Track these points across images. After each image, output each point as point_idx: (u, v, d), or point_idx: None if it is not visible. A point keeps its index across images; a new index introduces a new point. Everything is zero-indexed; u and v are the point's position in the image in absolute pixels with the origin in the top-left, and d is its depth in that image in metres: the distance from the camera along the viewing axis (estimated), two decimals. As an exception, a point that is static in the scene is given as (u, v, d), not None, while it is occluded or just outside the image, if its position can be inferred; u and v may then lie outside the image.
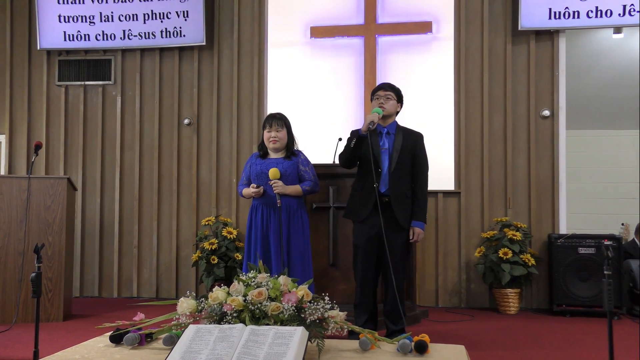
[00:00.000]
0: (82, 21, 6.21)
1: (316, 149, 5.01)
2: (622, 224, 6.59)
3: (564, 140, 5.62)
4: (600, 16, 5.43)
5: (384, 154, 3.68)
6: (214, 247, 5.48)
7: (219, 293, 2.38)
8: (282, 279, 2.41)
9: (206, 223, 5.79)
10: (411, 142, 3.73)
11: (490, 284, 5.38)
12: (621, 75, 7.19)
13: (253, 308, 2.28)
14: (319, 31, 5.96)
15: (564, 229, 5.54)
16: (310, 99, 6.00)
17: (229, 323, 2.26)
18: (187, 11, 6.04)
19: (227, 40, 6.16)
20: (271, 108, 5.89)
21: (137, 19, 6.14)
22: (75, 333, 4.21)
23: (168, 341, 2.29)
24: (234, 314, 2.29)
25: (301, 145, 4.03)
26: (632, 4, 5.36)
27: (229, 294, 2.38)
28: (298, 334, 2.10)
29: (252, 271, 2.50)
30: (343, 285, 4.34)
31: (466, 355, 2.30)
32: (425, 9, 5.86)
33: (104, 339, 2.44)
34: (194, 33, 6.05)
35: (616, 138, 8.06)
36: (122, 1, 6.15)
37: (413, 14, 5.86)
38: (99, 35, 6.20)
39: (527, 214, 5.61)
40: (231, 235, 5.61)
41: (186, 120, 6.16)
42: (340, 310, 2.38)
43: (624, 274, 5.13)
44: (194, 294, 2.50)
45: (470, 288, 5.64)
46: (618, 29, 6.25)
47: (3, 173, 6.31)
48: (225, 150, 6.10)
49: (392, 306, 3.66)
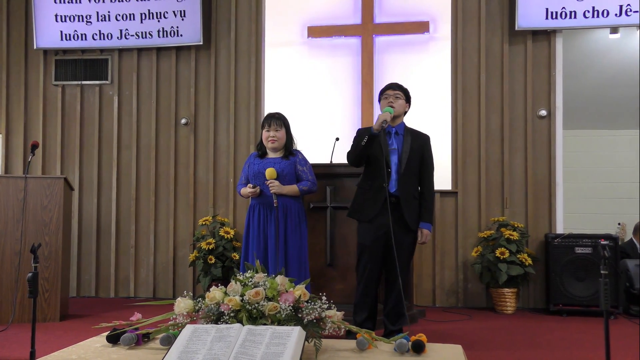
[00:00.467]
0: (79, 21, 6.20)
1: (313, 148, 5.01)
2: (619, 224, 6.62)
3: (560, 140, 5.64)
4: (597, 16, 5.44)
5: (392, 154, 3.66)
6: (211, 247, 5.48)
7: (216, 293, 2.38)
8: (280, 279, 2.41)
9: (203, 223, 5.79)
10: (420, 144, 3.72)
11: (487, 283, 5.39)
12: (618, 75, 7.21)
13: (250, 308, 2.28)
14: (316, 31, 5.95)
15: (560, 229, 5.55)
16: (308, 98, 6.00)
17: (226, 323, 2.25)
18: (184, 11, 6.04)
19: (225, 40, 6.15)
20: (268, 108, 5.89)
21: (134, 19, 6.13)
22: (72, 333, 4.20)
23: (165, 341, 2.29)
24: (231, 314, 2.29)
25: (299, 145, 4.02)
26: (629, 4, 5.37)
27: (226, 293, 2.38)
28: (295, 333, 2.10)
29: (250, 271, 2.50)
30: (340, 285, 4.33)
31: (463, 354, 2.31)
32: (423, 9, 5.86)
33: (101, 339, 2.43)
34: (191, 33, 6.05)
35: (613, 138, 8.08)
36: (119, 1, 6.14)
37: (410, 13, 5.86)
38: (96, 34, 6.19)
39: (524, 214, 5.62)
40: (228, 235, 5.61)
41: (183, 120, 6.15)
42: (337, 310, 2.38)
43: (621, 274, 5.14)
44: (191, 294, 2.49)
45: (468, 288, 5.65)
46: (615, 29, 6.28)
47: (-1, 173, 6.30)
48: (223, 150, 6.10)
49: (394, 306, 3.65)
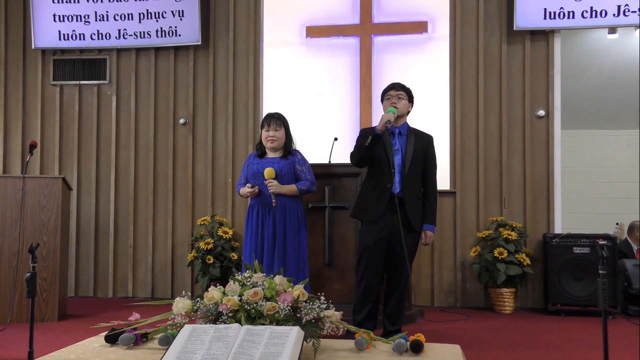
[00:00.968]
0: (77, 20, 6.19)
1: (312, 148, 5.01)
2: (617, 224, 6.62)
3: (559, 140, 5.64)
4: (595, 16, 5.44)
5: (396, 154, 3.65)
6: (209, 247, 5.47)
7: (214, 293, 2.38)
8: (278, 279, 2.41)
9: (202, 223, 5.78)
10: (423, 145, 3.72)
11: (485, 283, 5.39)
12: (616, 76, 7.22)
13: (249, 308, 2.28)
14: (314, 31, 5.95)
15: (559, 229, 5.55)
16: (306, 98, 5.99)
17: (225, 323, 2.25)
18: (183, 10, 6.03)
19: (223, 40, 6.15)
20: (267, 108, 5.89)
21: (132, 19, 6.12)
22: (70, 333, 4.19)
23: (163, 341, 2.29)
24: (230, 314, 2.28)
25: (297, 144, 4.02)
26: (627, 4, 5.38)
27: (224, 293, 2.38)
28: (294, 333, 2.10)
29: (248, 271, 2.50)
30: (339, 284, 4.33)
31: (462, 354, 2.31)
32: (421, 9, 5.86)
33: (99, 339, 2.43)
34: (189, 32, 6.04)
35: (611, 138, 8.09)
36: (117, 0, 6.14)
37: (409, 13, 5.86)
38: (94, 34, 6.19)
39: (523, 214, 5.62)
40: (227, 235, 5.60)
41: (182, 120, 6.15)
42: (336, 310, 2.38)
43: (619, 274, 5.15)
44: (190, 294, 2.50)
45: (466, 288, 5.65)
46: (613, 29, 6.29)
47: (-3, 173, 6.29)
48: (221, 150, 6.09)
49: (395, 307, 3.65)
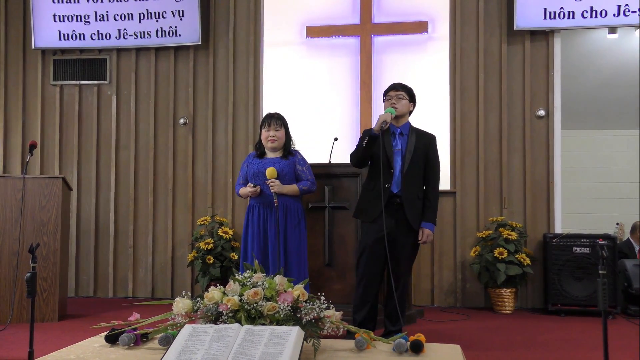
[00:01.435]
0: (77, 20, 6.19)
1: (312, 148, 5.01)
2: (617, 224, 6.62)
3: (559, 140, 5.64)
4: (595, 16, 5.44)
5: (396, 154, 3.65)
6: (209, 247, 5.47)
7: (214, 293, 2.38)
8: (278, 279, 2.41)
9: (202, 223, 5.78)
10: (424, 144, 3.71)
11: (485, 283, 5.39)
12: (616, 76, 7.22)
13: (249, 308, 2.28)
14: (314, 31, 5.95)
15: (559, 229, 5.55)
16: (306, 98, 5.99)
17: (225, 323, 2.25)
18: (183, 10, 6.03)
19: (223, 40, 6.15)
20: (267, 108, 5.89)
21: (133, 19, 6.12)
22: (70, 333, 4.19)
23: (164, 341, 2.29)
24: (230, 314, 2.28)
25: (297, 145, 4.02)
26: (627, 4, 5.38)
27: (224, 293, 2.38)
28: (294, 333, 2.10)
29: (248, 271, 2.50)
30: (339, 284, 4.33)
31: (462, 354, 2.31)
32: (421, 9, 5.86)
33: (99, 339, 2.43)
34: (189, 32, 6.04)
35: (611, 138, 8.09)
36: (118, 0, 6.14)
37: (409, 13, 5.86)
38: (94, 34, 6.19)
39: (523, 214, 5.62)
40: (227, 235, 5.60)
41: (182, 120, 6.15)
42: (336, 310, 2.38)
43: (619, 274, 5.15)
44: (190, 294, 2.50)
45: (466, 287, 5.65)
46: (613, 29, 6.29)
47: (-3, 173, 6.29)
48: (221, 150, 6.09)
49: (394, 307, 3.65)
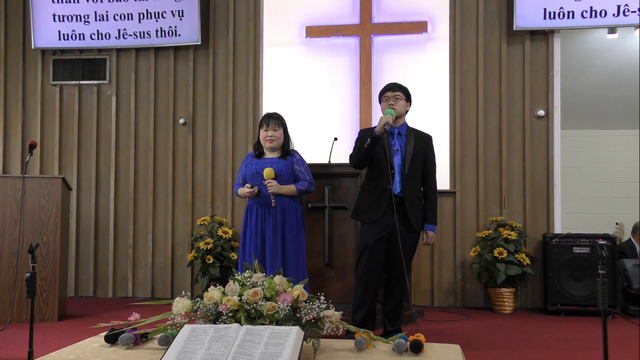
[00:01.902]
0: (77, 20, 6.19)
1: (311, 148, 5.02)
2: (617, 224, 6.62)
3: (558, 140, 5.64)
4: (595, 16, 5.44)
5: (396, 154, 3.66)
6: (209, 247, 5.47)
7: (214, 293, 2.38)
8: (278, 279, 2.41)
9: (201, 223, 5.78)
10: (422, 144, 3.72)
11: (485, 283, 5.39)
12: (616, 76, 7.22)
13: (248, 308, 2.28)
14: (314, 31, 5.95)
15: (558, 229, 5.55)
16: (306, 98, 5.99)
17: (225, 323, 2.25)
18: (182, 10, 6.03)
19: (223, 40, 6.15)
20: (266, 108, 5.89)
21: (132, 19, 6.12)
22: (70, 333, 4.19)
23: (163, 341, 2.29)
24: (230, 314, 2.28)
25: (296, 145, 4.02)
26: (627, 4, 5.38)
27: (224, 293, 2.38)
28: (293, 333, 2.10)
29: (248, 271, 2.50)
30: (338, 284, 4.33)
31: (461, 354, 2.31)
32: (421, 9, 5.86)
33: (99, 339, 2.43)
34: (189, 32, 6.04)
35: (611, 138, 8.09)
36: (117, 0, 6.14)
37: (408, 13, 5.86)
38: (94, 34, 6.18)
39: (522, 214, 5.62)
40: (226, 235, 5.60)
41: (181, 120, 6.15)
42: (335, 310, 2.38)
43: (619, 273, 5.15)
44: (189, 294, 2.50)
45: (466, 287, 5.65)
46: (612, 29, 6.28)
47: (-3, 173, 6.29)
48: (221, 150, 6.09)
49: (394, 307, 3.65)
